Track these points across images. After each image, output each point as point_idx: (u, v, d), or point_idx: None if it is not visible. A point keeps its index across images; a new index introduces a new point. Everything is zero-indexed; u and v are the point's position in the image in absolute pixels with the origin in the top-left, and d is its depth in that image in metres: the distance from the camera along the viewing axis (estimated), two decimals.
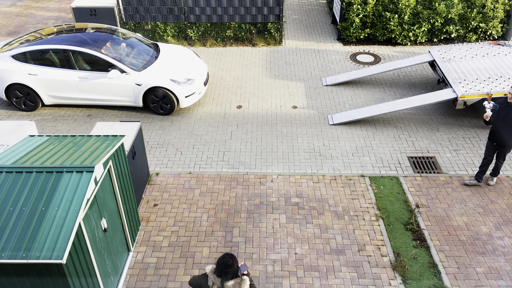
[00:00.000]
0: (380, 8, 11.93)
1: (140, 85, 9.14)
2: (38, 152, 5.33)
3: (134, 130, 7.20)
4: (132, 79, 9.14)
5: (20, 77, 9.27)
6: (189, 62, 9.85)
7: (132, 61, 9.34)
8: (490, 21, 11.97)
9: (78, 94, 9.43)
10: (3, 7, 15.83)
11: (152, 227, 7.00)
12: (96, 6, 12.13)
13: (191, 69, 9.65)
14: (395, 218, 7.13)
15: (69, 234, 4.29)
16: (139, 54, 9.64)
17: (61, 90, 9.41)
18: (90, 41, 9.30)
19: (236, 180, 7.90)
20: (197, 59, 10.13)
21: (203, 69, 9.92)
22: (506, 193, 7.55)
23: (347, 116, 9.37)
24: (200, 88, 9.60)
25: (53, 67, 9.24)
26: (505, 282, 6.09)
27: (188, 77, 9.37)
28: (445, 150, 8.56)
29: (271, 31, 12.77)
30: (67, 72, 9.21)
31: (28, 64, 9.26)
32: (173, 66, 9.54)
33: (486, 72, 8.96)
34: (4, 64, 9.32)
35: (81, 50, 9.08)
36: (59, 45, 9.14)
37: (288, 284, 6.10)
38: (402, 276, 6.20)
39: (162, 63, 9.57)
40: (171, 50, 10.18)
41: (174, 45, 10.54)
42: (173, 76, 9.24)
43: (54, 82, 9.29)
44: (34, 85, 9.34)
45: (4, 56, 9.35)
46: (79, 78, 9.19)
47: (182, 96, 9.26)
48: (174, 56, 9.93)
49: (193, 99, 9.49)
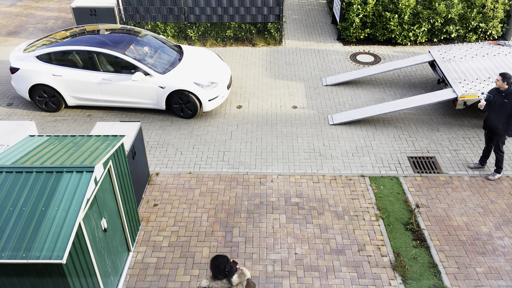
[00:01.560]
0: (380, 8, 11.93)
1: (164, 88, 9.04)
2: (38, 152, 5.33)
3: (134, 130, 7.20)
4: (156, 82, 9.04)
5: (44, 78, 9.21)
6: (213, 65, 9.73)
7: (156, 64, 9.24)
8: (490, 21, 11.97)
9: (101, 96, 9.35)
10: (3, 7, 15.83)
11: (152, 227, 7.00)
12: (96, 6, 12.13)
13: (215, 72, 9.53)
14: (395, 218, 7.13)
15: (69, 234, 4.29)
16: (163, 57, 9.53)
17: (85, 92, 9.33)
18: (115, 43, 9.23)
19: (236, 180, 7.91)
20: (220, 62, 10.00)
21: (226, 72, 9.79)
22: (506, 193, 7.55)
23: (347, 116, 9.37)
24: (223, 91, 9.46)
25: (77, 68, 9.16)
26: (505, 282, 6.09)
27: (212, 80, 9.24)
28: (445, 150, 8.56)
29: (271, 31, 12.77)
30: (91, 73, 9.14)
31: (53, 65, 9.20)
32: (196, 69, 9.41)
33: (486, 72, 8.96)
34: (28, 65, 9.26)
35: (105, 51, 9.01)
36: (84, 46, 9.07)
37: (288, 284, 6.10)
38: (402, 276, 6.20)
39: (185, 66, 9.46)
40: (195, 53, 10.08)
41: (197, 48, 10.42)
42: (197, 79, 9.12)
43: (78, 84, 9.22)
44: (58, 86, 9.28)
45: (29, 57, 9.30)
46: (103, 79, 9.12)
47: (205, 99, 9.13)
48: (197, 59, 9.81)
49: (216, 103, 9.36)
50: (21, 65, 9.30)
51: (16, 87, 9.55)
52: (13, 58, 9.51)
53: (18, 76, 9.36)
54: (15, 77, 9.43)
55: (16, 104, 10.20)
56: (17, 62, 9.36)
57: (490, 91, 7.40)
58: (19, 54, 9.50)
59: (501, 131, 7.37)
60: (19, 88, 9.53)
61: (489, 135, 7.66)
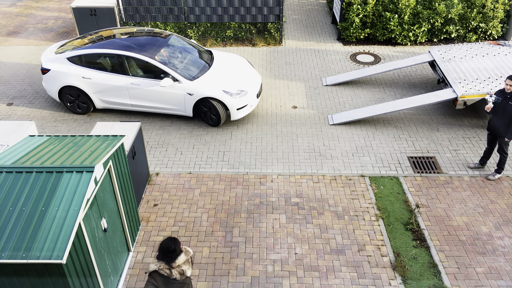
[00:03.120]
0: (380, 8, 11.93)
1: (192, 95, 8.82)
2: (38, 152, 5.33)
3: (134, 130, 7.20)
4: (184, 88, 8.83)
5: (74, 80, 9.17)
6: (243, 72, 9.47)
7: (185, 69, 9.05)
8: (490, 21, 11.98)
9: (129, 100, 9.23)
10: (3, 7, 15.83)
11: (152, 227, 7.00)
12: (96, 6, 12.13)
13: (245, 80, 9.26)
14: (395, 218, 7.13)
15: (69, 234, 4.29)
16: (193, 62, 9.32)
17: (113, 95, 9.24)
18: (145, 47, 9.11)
19: (236, 180, 7.91)
20: (251, 69, 9.73)
21: (256, 80, 9.50)
22: (506, 193, 7.55)
23: (347, 116, 9.37)
24: (253, 100, 9.18)
25: (107, 72, 9.08)
26: (505, 282, 6.09)
27: (241, 89, 8.98)
28: (445, 150, 8.56)
29: (271, 31, 12.77)
30: (120, 77, 9.03)
31: (83, 68, 9.14)
32: (226, 76, 9.17)
33: (486, 72, 8.96)
34: (59, 66, 9.23)
35: (135, 55, 8.88)
36: (114, 50, 8.97)
37: (288, 284, 6.10)
38: (402, 276, 6.20)
39: (215, 73, 9.22)
40: (225, 59, 9.85)
41: (228, 54, 10.17)
42: (226, 87, 8.87)
43: (106, 87, 9.14)
44: (87, 88, 9.21)
45: (60, 58, 9.26)
46: (131, 84, 9.00)
47: (234, 108, 8.87)
48: (228, 66, 9.58)
49: (244, 112, 9.08)
50: (52, 66, 9.28)
51: (47, 88, 9.55)
52: (45, 59, 9.48)
53: (49, 77, 9.36)
54: (45, 78, 9.42)
55: (16, 104, 10.20)
56: (48, 63, 9.35)
57: (497, 93, 7.36)
58: (51, 56, 9.46)
59: (503, 133, 7.36)
60: (49, 89, 9.52)
61: (492, 136, 7.66)
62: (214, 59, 9.69)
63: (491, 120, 7.48)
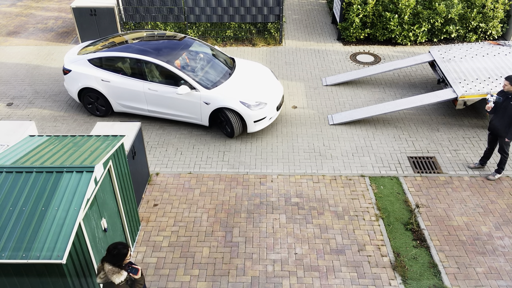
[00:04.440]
0: (380, 8, 11.93)
1: (208, 104, 8.53)
2: (38, 152, 5.33)
3: (134, 130, 7.20)
4: (201, 97, 8.54)
5: (93, 82, 9.10)
6: (265, 83, 9.09)
7: (204, 77, 8.77)
8: (490, 21, 11.97)
9: (146, 106, 9.06)
10: (3, 7, 15.83)
11: (152, 227, 7.00)
12: (96, 6, 12.13)
13: (265, 91, 8.87)
14: (395, 218, 7.13)
15: (69, 234, 4.29)
16: (213, 70, 9.05)
17: (131, 100, 9.08)
18: (165, 52, 8.90)
19: (236, 180, 7.91)
20: (273, 80, 9.34)
21: (278, 92, 9.11)
22: (506, 193, 7.55)
23: (347, 116, 9.37)
24: (272, 113, 8.80)
25: (125, 76, 8.92)
26: (505, 282, 6.09)
27: (261, 100, 8.61)
28: (445, 150, 8.56)
29: (271, 31, 12.77)
30: (137, 82, 8.85)
31: (102, 70, 9.04)
32: (246, 86, 8.81)
33: (486, 72, 8.96)
34: (80, 68, 9.17)
35: (153, 61, 8.68)
36: (132, 54, 8.82)
37: (288, 284, 6.10)
38: (402, 276, 6.20)
39: (235, 82, 8.89)
40: (248, 67, 9.49)
41: (251, 62, 9.81)
42: (244, 98, 8.51)
43: (124, 91, 8.99)
44: (105, 91, 9.11)
45: (82, 59, 9.20)
46: (149, 89, 8.80)
47: (250, 120, 8.50)
48: (249, 75, 9.21)
49: (262, 125, 8.71)
50: (73, 67, 9.24)
51: (67, 88, 9.52)
52: (67, 59, 9.44)
53: (70, 78, 9.32)
54: (66, 79, 9.39)
55: (16, 104, 10.20)
56: (70, 64, 9.31)
57: (499, 94, 7.35)
58: (73, 56, 9.42)
59: (504, 133, 7.37)
60: (69, 90, 9.49)
61: (493, 136, 7.66)
62: (235, 67, 9.39)
63: (492, 120, 7.48)
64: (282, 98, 9.21)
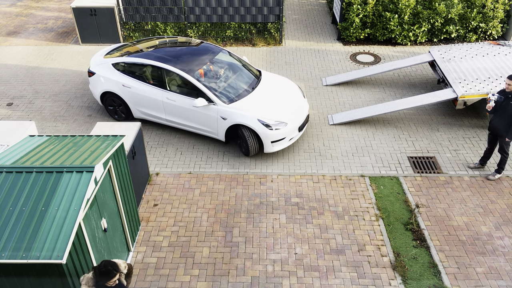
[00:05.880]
0: (380, 8, 11.93)
1: (225, 119, 8.11)
2: (38, 152, 5.33)
3: (134, 130, 7.20)
4: (218, 111, 8.13)
5: (114, 86, 8.97)
6: (288, 100, 8.52)
7: (224, 91, 8.35)
8: (490, 21, 11.97)
9: (165, 115, 8.79)
10: (3, 7, 15.83)
11: (152, 227, 7.01)
12: (96, 6, 12.13)
13: (288, 109, 8.31)
14: (395, 218, 7.13)
15: (69, 234, 4.29)
16: (235, 83, 8.62)
17: (149, 108, 8.86)
18: (187, 61, 8.62)
19: (236, 180, 7.91)
20: (299, 97, 8.74)
21: (302, 111, 8.50)
22: (506, 193, 7.55)
23: (347, 116, 9.37)
24: (293, 133, 8.24)
25: (145, 83, 8.71)
26: (505, 282, 6.09)
27: (281, 120, 8.04)
28: (445, 150, 8.56)
29: (271, 31, 12.77)
30: (157, 90, 8.60)
31: (124, 75, 8.88)
32: (267, 103, 8.29)
33: (486, 72, 8.96)
34: (103, 71, 9.07)
35: (172, 69, 8.40)
36: (152, 61, 8.60)
37: (288, 284, 6.10)
38: (402, 276, 6.20)
39: (256, 97, 8.37)
40: (273, 82, 8.94)
41: (279, 77, 9.25)
42: (263, 116, 7.99)
43: (143, 98, 8.78)
44: (125, 97, 8.96)
45: (106, 63, 9.10)
46: (167, 99, 8.52)
47: (268, 140, 7.98)
48: (273, 90, 8.66)
49: (281, 146, 8.15)
50: (98, 70, 9.16)
51: (91, 90, 9.46)
52: (93, 62, 9.37)
53: (93, 81, 9.26)
54: (91, 81, 9.33)
55: (16, 104, 10.20)
56: (95, 66, 9.24)
57: (499, 93, 7.36)
58: (99, 59, 9.33)
59: (504, 133, 7.37)
60: (93, 92, 9.43)
61: (493, 136, 7.66)
62: (260, 81, 8.87)
63: (492, 120, 7.49)
64: (306, 118, 8.65)
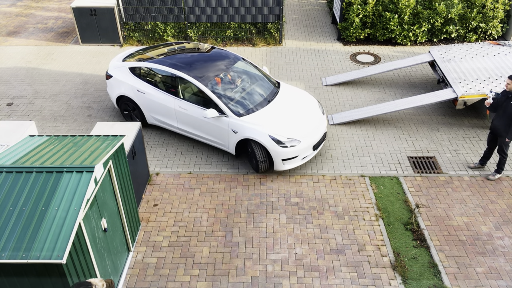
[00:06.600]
0: (380, 8, 11.93)
1: (236, 133, 7.79)
2: (38, 152, 5.33)
3: (134, 130, 7.20)
4: (229, 124, 7.82)
5: (129, 91, 8.85)
6: (306, 116, 8.09)
7: (238, 103, 8.02)
8: (490, 21, 11.98)
9: (176, 124, 8.59)
10: (3, 7, 15.83)
11: (152, 227, 7.01)
12: (96, 6, 12.13)
13: (303, 126, 7.88)
14: (395, 218, 7.13)
15: (69, 234, 4.29)
16: (251, 94, 8.28)
17: (162, 115, 8.67)
18: (202, 69, 8.35)
19: (236, 180, 7.90)
20: (317, 114, 8.29)
21: (319, 128, 8.04)
22: (506, 193, 7.55)
23: (347, 116, 9.37)
24: (307, 152, 7.81)
25: (159, 89, 8.51)
26: (505, 282, 6.09)
27: (294, 137, 7.63)
28: (445, 150, 8.56)
29: (271, 31, 12.77)
30: (170, 97, 8.39)
31: (140, 80, 8.73)
32: (281, 118, 7.88)
33: (486, 72, 8.96)
34: (120, 75, 8.96)
35: (185, 77, 8.15)
36: (166, 68, 8.40)
37: (288, 284, 6.10)
38: (402, 276, 6.20)
39: (270, 111, 7.99)
40: (291, 96, 8.52)
41: (298, 90, 8.83)
42: (275, 132, 7.59)
43: (157, 105, 8.60)
44: (139, 102, 8.81)
45: (123, 67, 8.98)
46: (179, 107, 8.30)
47: (278, 158, 7.60)
48: (289, 105, 8.26)
49: (292, 164, 7.76)
50: (115, 73, 9.05)
51: (109, 93, 9.36)
52: (111, 65, 9.26)
53: (110, 84, 9.17)
54: (108, 84, 9.25)
55: (16, 104, 10.20)
56: (113, 69, 9.13)
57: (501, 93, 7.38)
58: (117, 62, 9.21)
59: (504, 133, 7.37)
60: (110, 95, 9.33)
61: (493, 136, 7.66)
62: (277, 94, 8.47)
63: (493, 120, 7.50)
64: (323, 136, 8.20)
